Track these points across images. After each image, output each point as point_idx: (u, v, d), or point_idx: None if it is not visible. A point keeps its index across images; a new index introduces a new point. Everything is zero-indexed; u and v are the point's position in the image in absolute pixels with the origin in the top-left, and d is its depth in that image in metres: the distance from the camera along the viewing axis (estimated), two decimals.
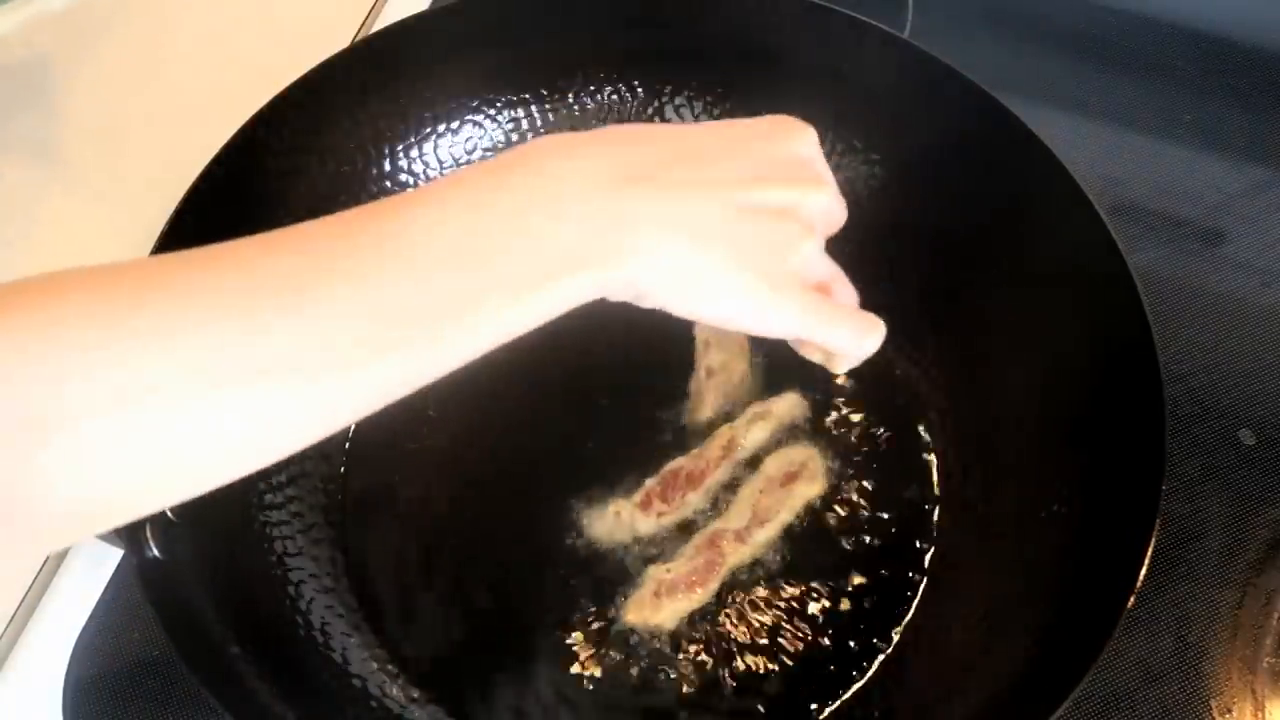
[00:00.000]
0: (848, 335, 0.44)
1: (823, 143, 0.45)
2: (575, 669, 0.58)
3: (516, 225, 0.37)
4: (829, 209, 0.44)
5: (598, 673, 0.58)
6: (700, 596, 0.59)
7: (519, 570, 0.61)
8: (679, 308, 0.40)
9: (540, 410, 0.66)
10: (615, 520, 0.61)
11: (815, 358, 0.46)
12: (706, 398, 0.65)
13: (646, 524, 0.61)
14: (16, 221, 0.71)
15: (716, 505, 0.62)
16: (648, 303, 0.40)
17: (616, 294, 0.39)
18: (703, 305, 0.40)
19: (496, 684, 0.58)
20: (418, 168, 0.69)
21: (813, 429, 0.65)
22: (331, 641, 0.58)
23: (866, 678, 0.58)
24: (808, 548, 0.61)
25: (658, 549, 0.61)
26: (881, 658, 0.58)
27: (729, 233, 0.40)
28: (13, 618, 0.61)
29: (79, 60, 0.78)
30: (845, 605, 0.60)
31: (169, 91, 0.79)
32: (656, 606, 0.58)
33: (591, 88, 0.70)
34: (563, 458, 0.64)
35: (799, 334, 0.43)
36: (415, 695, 0.57)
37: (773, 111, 0.45)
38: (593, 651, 0.58)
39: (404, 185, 0.69)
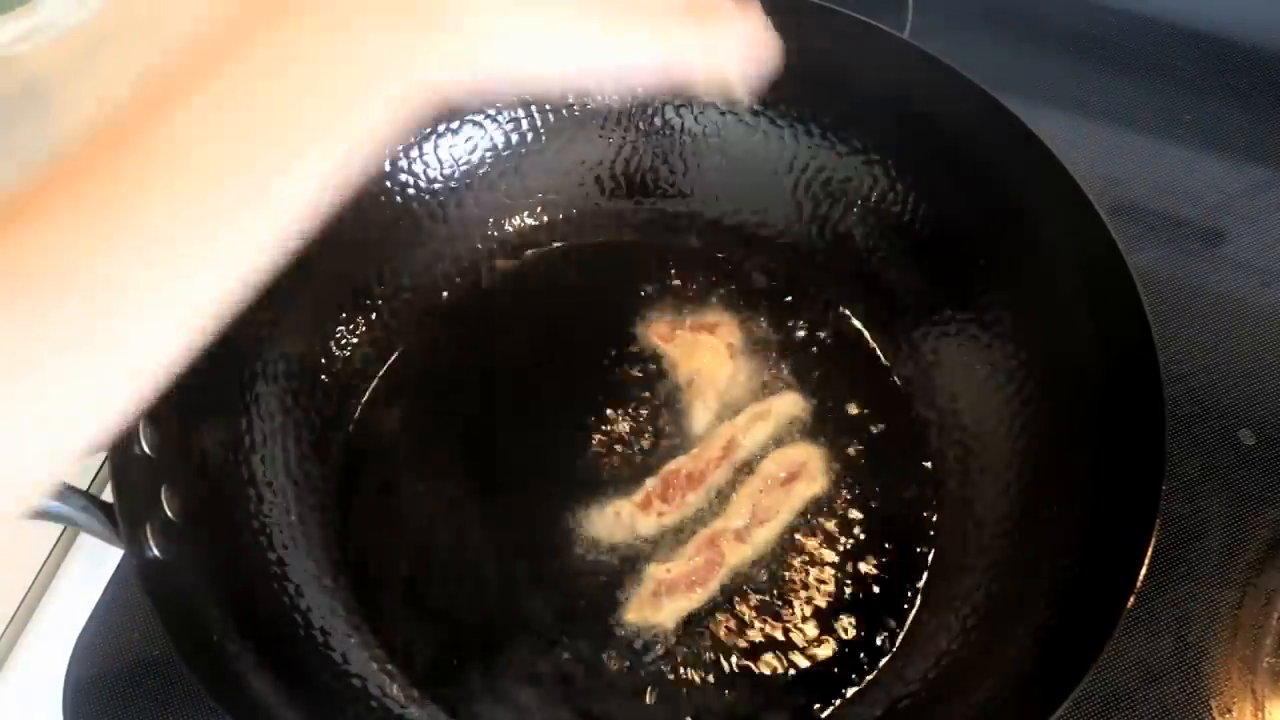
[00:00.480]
0: (721, 32, 0.39)
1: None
2: (576, 669, 0.58)
3: (300, 89, 0.33)
4: None
5: (598, 673, 0.58)
6: (700, 596, 0.59)
7: (519, 570, 0.61)
8: (518, 71, 0.36)
9: (540, 411, 0.66)
10: (615, 520, 0.61)
11: (714, 93, 0.40)
12: (696, 406, 0.65)
13: (646, 524, 0.61)
14: None
15: (716, 505, 0.62)
16: (485, 76, 0.35)
17: (450, 80, 0.35)
18: (544, 57, 0.36)
19: (496, 684, 0.57)
20: (418, 168, 0.69)
21: (813, 429, 0.65)
22: (331, 641, 0.58)
23: (867, 678, 0.58)
24: (808, 547, 0.61)
25: (658, 549, 0.61)
26: (882, 658, 0.58)
27: None
28: (13, 618, 0.61)
29: (81, 68, 0.78)
30: (845, 605, 0.59)
31: None
32: (656, 606, 0.59)
33: None
34: (562, 458, 0.64)
35: (669, 53, 0.38)
36: (415, 695, 0.57)
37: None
38: (593, 651, 0.58)
39: (404, 185, 0.68)
